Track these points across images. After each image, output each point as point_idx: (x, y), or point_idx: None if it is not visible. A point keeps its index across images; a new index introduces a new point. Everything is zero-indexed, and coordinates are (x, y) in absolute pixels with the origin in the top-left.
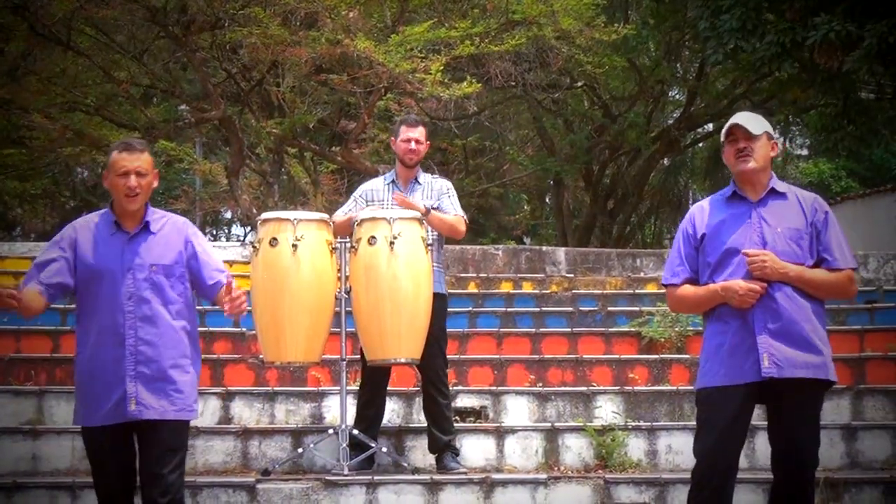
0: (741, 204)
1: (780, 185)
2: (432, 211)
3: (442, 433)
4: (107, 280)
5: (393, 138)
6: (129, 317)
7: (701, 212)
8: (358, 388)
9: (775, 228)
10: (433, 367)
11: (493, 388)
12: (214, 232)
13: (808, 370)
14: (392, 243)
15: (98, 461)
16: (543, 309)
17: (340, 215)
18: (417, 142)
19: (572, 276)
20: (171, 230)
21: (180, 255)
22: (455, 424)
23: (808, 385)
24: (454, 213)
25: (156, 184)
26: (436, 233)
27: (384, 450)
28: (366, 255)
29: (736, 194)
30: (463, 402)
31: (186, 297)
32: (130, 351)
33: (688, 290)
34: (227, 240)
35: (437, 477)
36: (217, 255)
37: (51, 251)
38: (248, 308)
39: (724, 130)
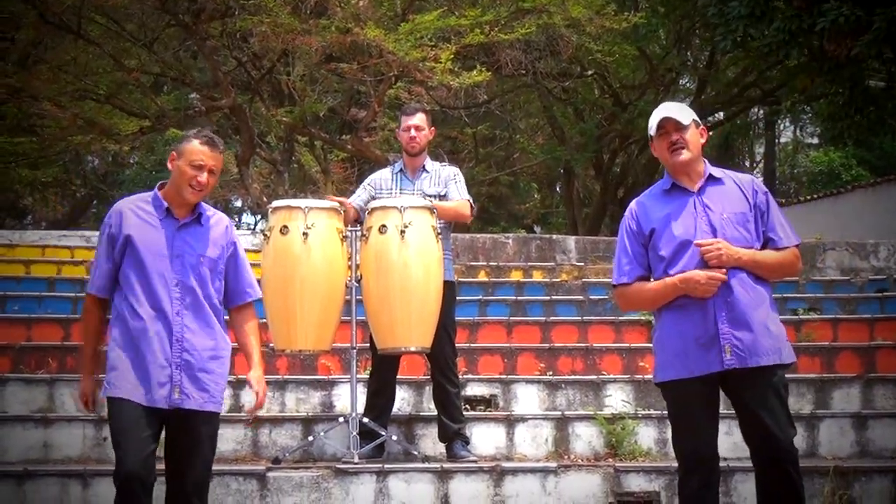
0: (681, 195)
1: (716, 171)
2: (434, 201)
3: (452, 421)
4: (155, 265)
5: (397, 129)
6: (176, 304)
7: (642, 207)
8: (368, 376)
9: (721, 215)
10: (442, 356)
11: (504, 376)
12: None
13: (769, 356)
14: (403, 232)
15: (128, 433)
16: (553, 297)
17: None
18: (417, 128)
19: (582, 264)
20: (218, 225)
21: (223, 252)
22: (465, 413)
23: (769, 370)
24: (459, 198)
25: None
26: (442, 221)
27: (394, 438)
28: (376, 244)
29: (675, 186)
30: (473, 390)
31: (220, 294)
32: (177, 337)
33: (643, 286)
34: (238, 228)
35: (448, 465)
36: (249, 267)
37: (101, 253)
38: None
39: (652, 124)
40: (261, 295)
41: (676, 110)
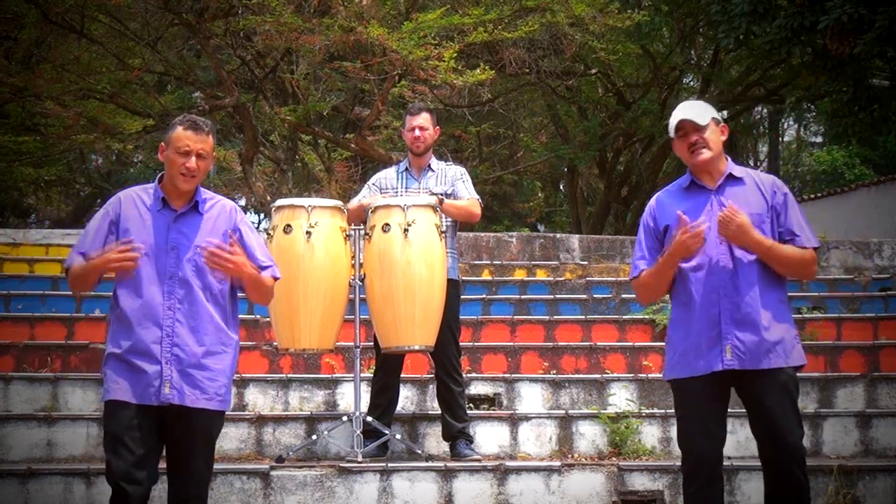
0: (700, 193)
1: (737, 170)
2: (445, 200)
3: (455, 420)
4: (149, 257)
5: (402, 129)
6: (168, 297)
7: (660, 204)
8: (372, 375)
9: None
10: (446, 355)
11: (507, 375)
12: None
13: (775, 359)
14: (406, 230)
15: (119, 437)
16: (557, 296)
17: (354, 203)
18: (422, 128)
19: (586, 263)
20: (219, 213)
21: (225, 239)
22: (469, 412)
23: (777, 371)
24: (468, 197)
25: (212, 168)
26: (449, 219)
27: (398, 437)
28: (380, 243)
29: (694, 183)
30: (477, 389)
31: (226, 284)
32: (167, 332)
33: (646, 272)
34: None
35: (451, 464)
36: (263, 248)
37: (94, 225)
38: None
39: (671, 125)
40: (279, 275)
41: (694, 111)
